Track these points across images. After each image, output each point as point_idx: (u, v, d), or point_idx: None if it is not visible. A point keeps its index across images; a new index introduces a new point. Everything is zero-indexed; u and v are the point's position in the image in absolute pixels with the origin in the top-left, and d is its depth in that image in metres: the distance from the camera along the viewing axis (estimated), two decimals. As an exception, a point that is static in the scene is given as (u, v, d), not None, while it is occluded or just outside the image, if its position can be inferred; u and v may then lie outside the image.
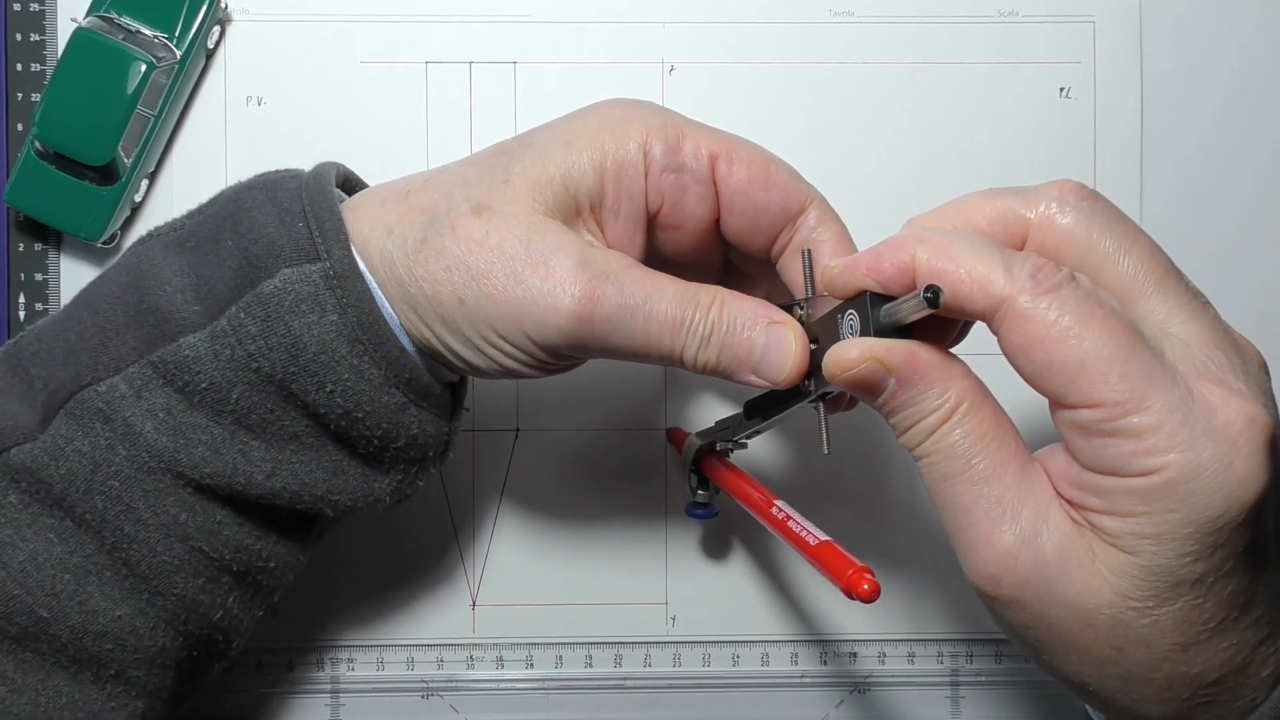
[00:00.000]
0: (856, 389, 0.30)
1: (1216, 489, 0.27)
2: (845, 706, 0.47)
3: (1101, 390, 0.27)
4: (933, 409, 0.30)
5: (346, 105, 0.46)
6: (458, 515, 0.46)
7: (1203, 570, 0.28)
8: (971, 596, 0.46)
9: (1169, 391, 0.27)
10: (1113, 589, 0.28)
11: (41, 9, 0.46)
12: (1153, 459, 0.27)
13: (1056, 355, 0.28)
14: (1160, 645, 0.29)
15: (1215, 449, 0.27)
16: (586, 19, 0.46)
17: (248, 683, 0.46)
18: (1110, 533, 0.28)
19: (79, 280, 0.46)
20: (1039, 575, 0.29)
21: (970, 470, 0.29)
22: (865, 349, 0.30)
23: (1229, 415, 0.27)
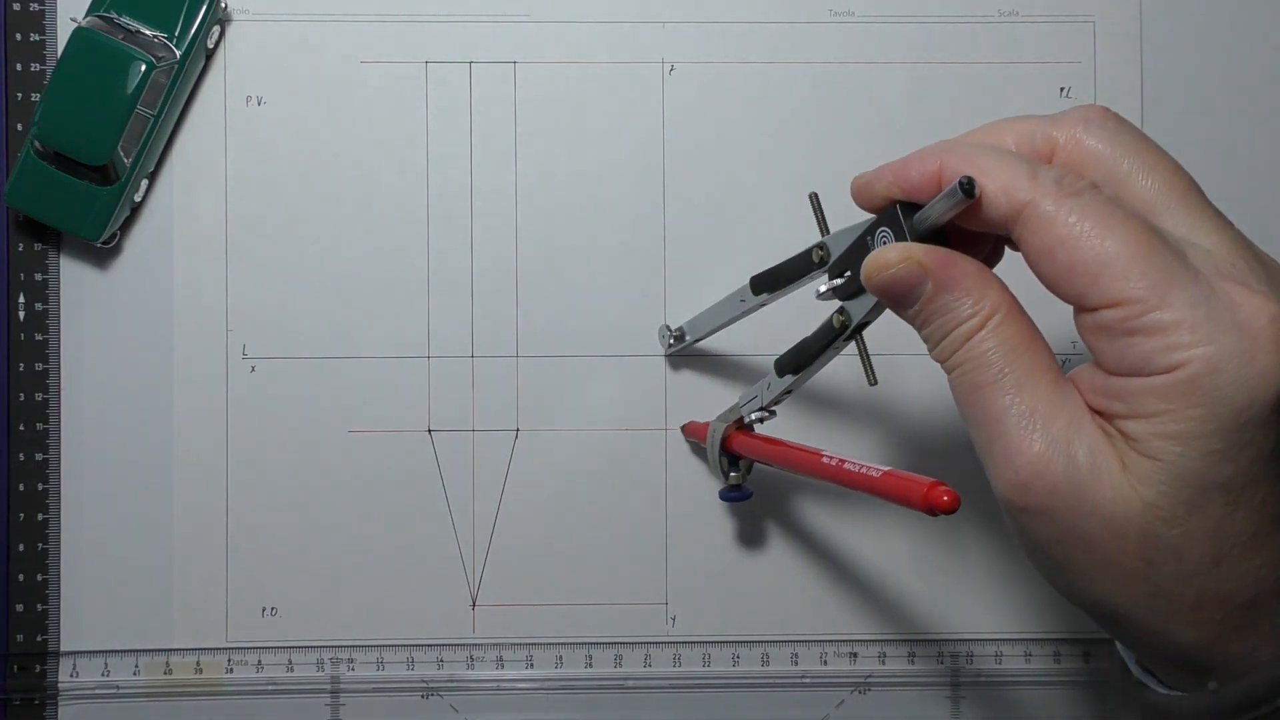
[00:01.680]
0: (894, 292, 0.30)
1: (1239, 383, 0.27)
2: (845, 706, 0.47)
3: (1123, 288, 0.27)
4: (967, 316, 0.29)
5: (346, 105, 0.46)
6: (458, 515, 0.46)
7: (1230, 473, 0.27)
8: (972, 596, 0.47)
9: (1191, 288, 0.27)
10: (1142, 498, 0.28)
11: (41, 9, 0.45)
12: (1175, 354, 0.27)
13: (1078, 256, 0.28)
14: (1191, 557, 0.28)
15: (1238, 343, 0.27)
16: (586, 19, 0.46)
17: (248, 683, 0.46)
18: (1137, 437, 0.28)
19: (79, 280, 0.46)
20: (1069, 483, 0.28)
21: (1003, 379, 0.29)
22: (904, 250, 0.30)
23: (1251, 311, 0.27)
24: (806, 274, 0.36)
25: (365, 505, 0.46)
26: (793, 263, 0.37)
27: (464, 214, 0.46)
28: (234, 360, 0.46)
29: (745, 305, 0.40)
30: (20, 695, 0.46)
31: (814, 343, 0.36)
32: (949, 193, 0.29)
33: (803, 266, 0.36)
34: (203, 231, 0.46)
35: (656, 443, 0.46)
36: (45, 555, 0.46)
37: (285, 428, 0.46)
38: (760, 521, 0.47)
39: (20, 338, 0.46)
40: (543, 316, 0.46)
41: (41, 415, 0.46)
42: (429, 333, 0.46)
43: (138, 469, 0.46)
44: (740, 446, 0.41)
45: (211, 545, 0.46)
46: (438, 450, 0.46)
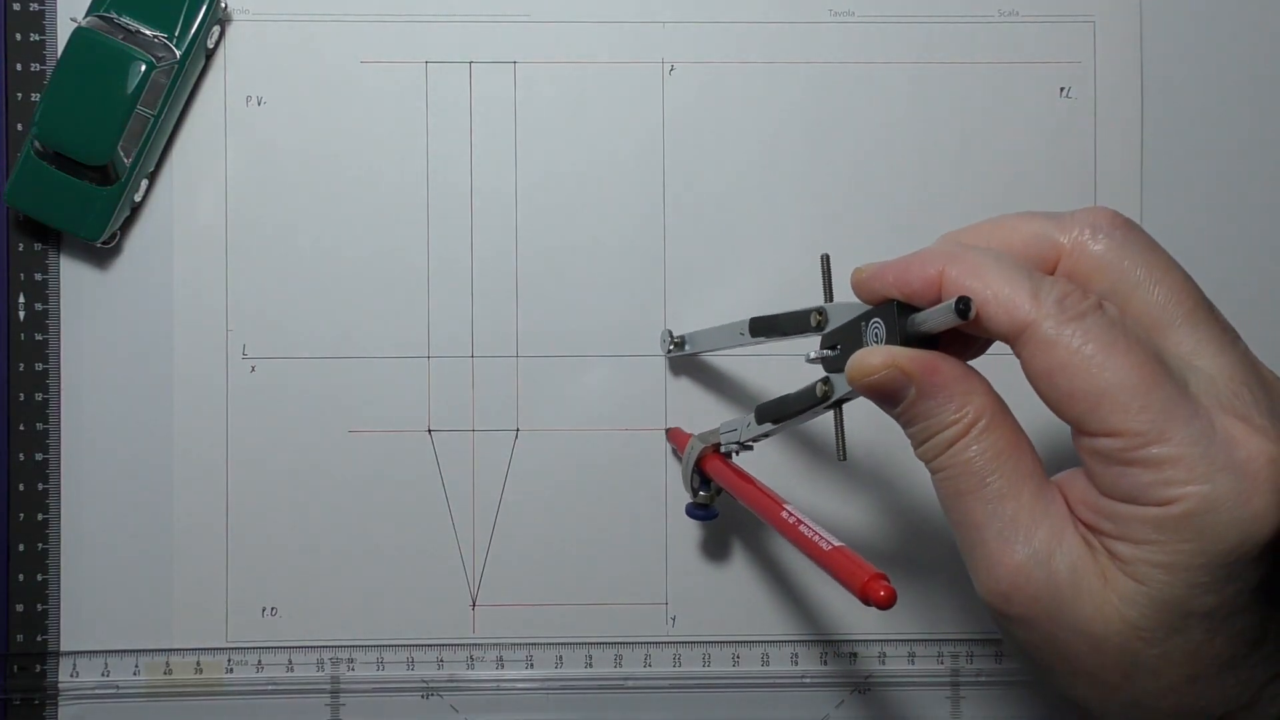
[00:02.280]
0: (876, 395, 0.31)
1: (1232, 523, 0.27)
2: (845, 706, 0.47)
3: (1122, 420, 0.27)
4: (950, 422, 0.29)
5: (346, 105, 0.46)
6: (458, 515, 0.46)
7: (1214, 603, 0.28)
8: (973, 597, 0.46)
9: (1190, 424, 0.27)
10: (1123, 617, 0.28)
11: (41, 9, 0.45)
12: (1171, 490, 0.27)
13: (1079, 383, 0.28)
14: (1168, 676, 0.28)
15: (1234, 483, 0.27)
16: (586, 19, 0.46)
17: (248, 683, 0.46)
18: (1124, 559, 0.28)
19: (79, 280, 0.46)
20: (1050, 596, 0.28)
21: (985, 488, 0.29)
22: (888, 356, 0.30)
23: (1250, 451, 0.27)
24: (802, 332, 0.36)
25: (365, 505, 0.46)
26: (790, 318, 0.37)
27: (464, 214, 0.46)
28: (234, 360, 0.46)
29: (743, 340, 0.40)
30: (20, 695, 0.46)
31: (795, 403, 0.36)
32: (945, 309, 0.28)
33: (799, 324, 0.36)
34: (203, 231, 0.46)
35: (656, 443, 0.46)
36: (45, 555, 0.46)
37: (285, 428, 0.46)
38: (760, 521, 0.47)
39: (20, 338, 0.46)
40: (543, 316, 0.46)
41: (41, 415, 0.46)
42: (429, 333, 0.46)
43: (138, 469, 0.46)
44: (712, 471, 0.42)
45: (211, 545, 0.46)
46: (438, 450, 0.46)
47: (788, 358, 0.46)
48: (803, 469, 0.47)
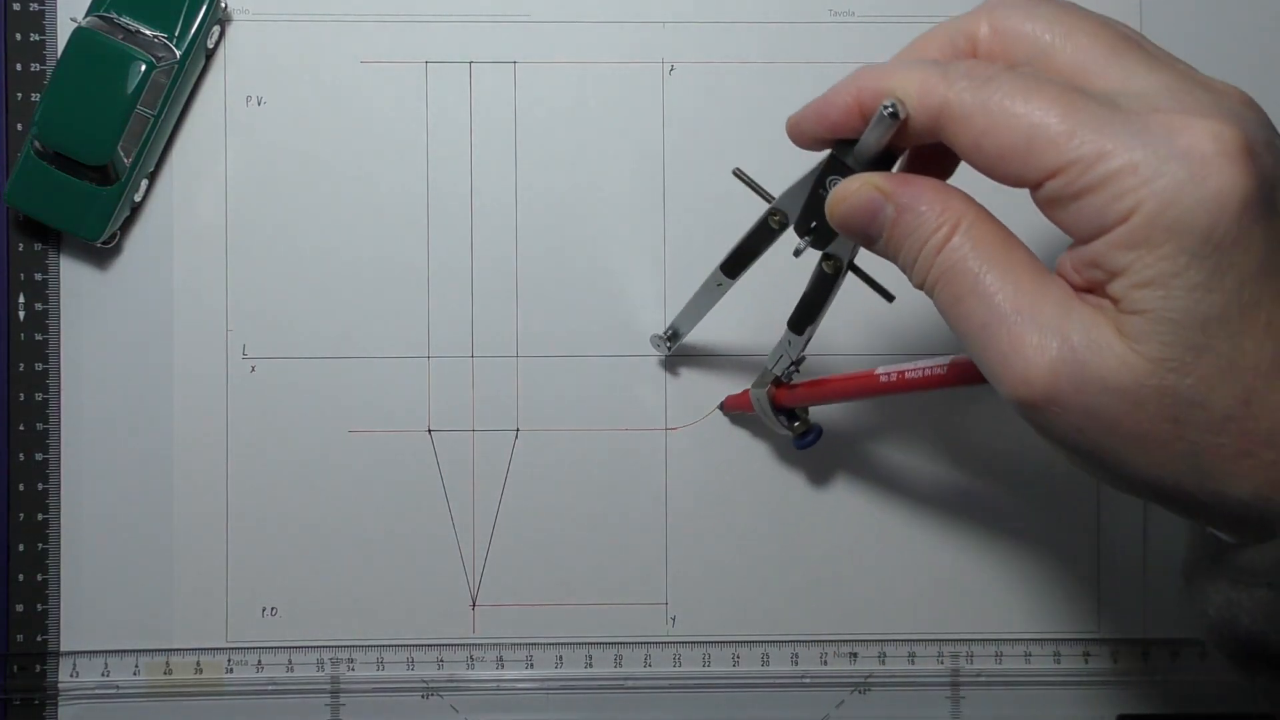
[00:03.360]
0: (858, 222, 0.30)
1: (1197, 207, 0.26)
2: (845, 706, 0.47)
3: (1057, 154, 0.27)
4: (934, 229, 0.29)
5: (346, 105, 0.46)
6: (458, 515, 0.46)
7: (1222, 302, 0.26)
8: (973, 597, 0.47)
9: (1125, 132, 0.27)
10: (1145, 357, 0.27)
11: (41, 9, 0.45)
12: (1126, 199, 0.26)
13: (1005, 138, 0.27)
14: (1216, 404, 0.27)
15: (1185, 168, 0.26)
16: (586, 19, 0.46)
17: (248, 683, 0.46)
18: (1120, 297, 0.27)
19: (79, 280, 0.46)
20: (1071, 366, 0.27)
21: (982, 284, 0.29)
22: (860, 179, 0.30)
23: (1193, 134, 0.26)
24: (769, 242, 0.37)
25: (365, 505, 0.46)
26: (753, 236, 0.37)
27: (464, 214, 0.46)
28: (234, 360, 0.46)
29: (721, 289, 0.40)
30: (20, 695, 0.46)
31: (815, 294, 0.36)
32: (877, 120, 0.29)
33: (764, 236, 0.36)
34: (203, 231, 0.46)
35: (656, 443, 0.46)
36: (45, 555, 0.46)
37: (285, 428, 0.46)
38: (760, 521, 0.47)
39: (20, 338, 0.46)
40: (543, 316, 0.46)
41: (41, 415, 0.46)
42: (429, 333, 0.46)
43: (138, 469, 0.46)
44: (791, 399, 0.41)
45: (211, 545, 0.46)
46: (438, 450, 0.46)
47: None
48: (803, 470, 0.47)
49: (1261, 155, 0.27)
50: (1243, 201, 0.26)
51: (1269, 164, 0.27)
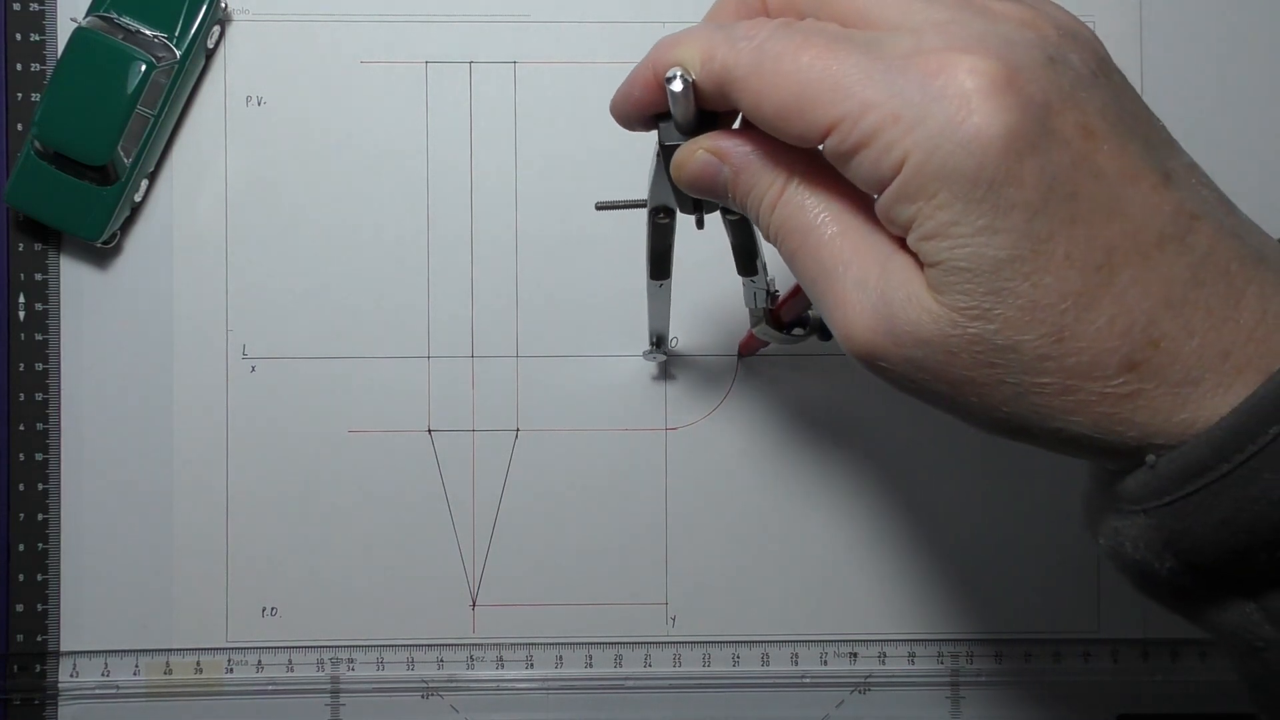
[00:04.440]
0: (703, 186, 0.30)
1: (959, 149, 0.25)
2: (845, 706, 0.47)
3: (826, 111, 0.26)
4: (766, 186, 0.29)
5: (346, 105, 0.46)
6: (458, 515, 0.46)
7: (1010, 242, 0.25)
8: (973, 597, 0.47)
9: (883, 80, 0.26)
10: (949, 307, 0.26)
11: (41, 9, 0.45)
12: (895, 151, 0.26)
13: (779, 99, 0.27)
14: (1027, 346, 0.26)
15: (943, 110, 0.25)
16: (586, 19, 0.46)
17: (248, 683, 0.46)
18: (916, 249, 0.26)
19: (78, 280, 0.46)
20: (887, 321, 0.27)
21: (810, 240, 0.28)
22: (693, 144, 0.30)
23: (948, 72, 0.25)
24: (672, 235, 0.37)
25: (365, 505, 0.46)
26: (655, 240, 0.37)
27: (464, 214, 0.46)
28: (234, 360, 0.46)
29: (664, 289, 0.40)
30: (20, 695, 0.46)
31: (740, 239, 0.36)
32: (671, 96, 0.29)
33: (664, 233, 0.36)
34: (203, 231, 0.46)
35: (656, 443, 0.46)
36: (45, 555, 0.46)
37: (285, 428, 0.46)
38: (760, 521, 0.47)
39: (20, 338, 0.46)
40: (543, 316, 0.46)
41: (41, 415, 0.46)
42: (429, 333, 0.46)
43: (138, 469, 0.46)
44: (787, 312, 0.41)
45: (211, 545, 0.46)
46: (438, 450, 0.46)
47: (784, 356, 0.46)
48: (804, 470, 0.47)
49: (1030, 82, 0.25)
50: (1005, 138, 0.25)
51: (1042, 88, 0.26)
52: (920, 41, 0.26)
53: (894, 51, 0.26)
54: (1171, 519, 0.27)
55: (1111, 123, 0.26)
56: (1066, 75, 0.26)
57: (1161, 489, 0.27)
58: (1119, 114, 0.27)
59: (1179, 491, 0.26)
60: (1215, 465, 0.26)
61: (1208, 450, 0.26)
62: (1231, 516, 0.26)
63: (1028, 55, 0.26)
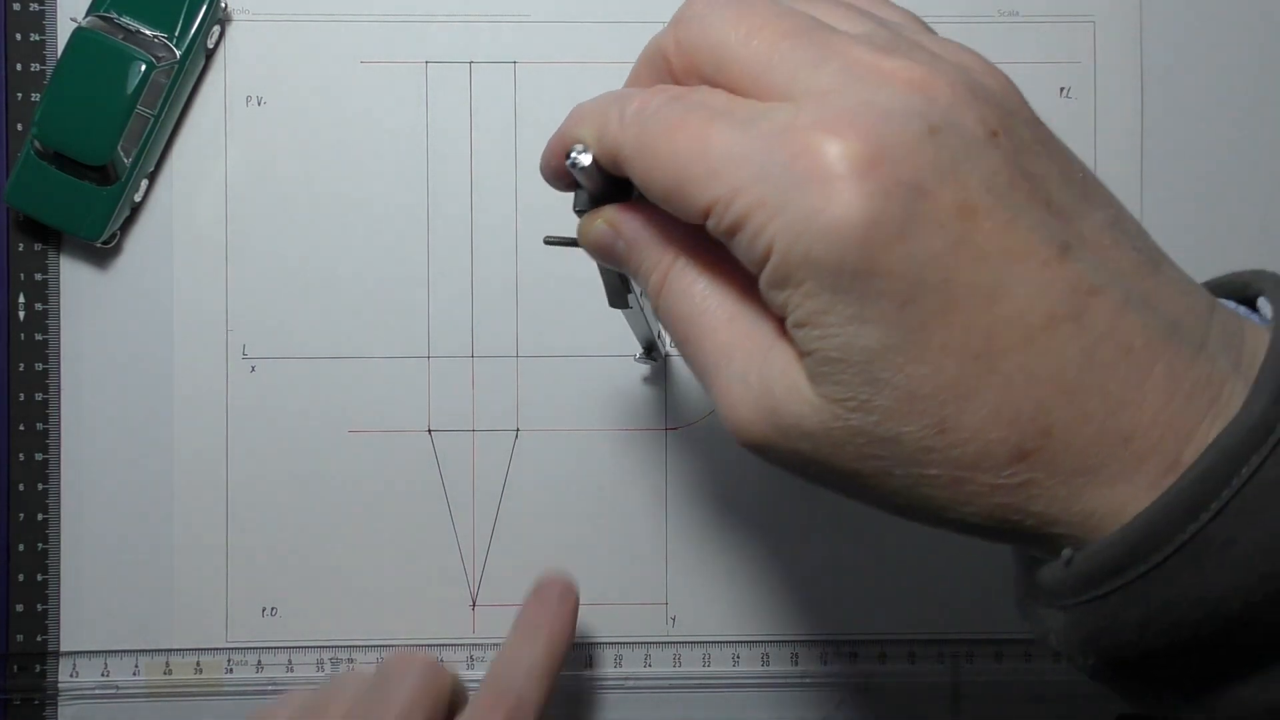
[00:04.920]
0: (601, 255, 0.30)
1: (819, 239, 0.24)
2: (845, 706, 0.47)
3: (700, 194, 0.25)
4: (649, 270, 0.28)
5: (346, 105, 0.46)
6: (458, 515, 0.46)
7: (880, 333, 0.24)
8: (972, 597, 0.47)
9: (756, 163, 0.25)
10: (824, 397, 0.25)
11: (41, 9, 0.46)
12: (763, 237, 0.25)
13: (662, 179, 0.26)
14: (909, 438, 0.25)
15: (805, 197, 0.24)
16: (586, 19, 0.46)
17: (247, 683, 0.46)
18: (792, 338, 0.26)
19: (78, 280, 0.46)
20: (769, 414, 0.26)
21: (694, 329, 0.28)
22: (594, 214, 0.30)
23: (813, 157, 0.24)
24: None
25: (365, 505, 0.46)
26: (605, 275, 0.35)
27: (464, 214, 0.46)
28: (234, 360, 0.46)
29: (631, 314, 0.39)
30: (20, 695, 0.46)
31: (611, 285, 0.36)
32: (575, 172, 0.29)
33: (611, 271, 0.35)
34: (203, 231, 0.46)
35: (656, 443, 0.46)
36: (45, 555, 0.46)
37: (285, 428, 0.46)
38: (760, 521, 0.47)
39: (20, 338, 0.46)
40: (543, 316, 0.46)
41: (41, 415, 0.46)
42: (429, 333, 0.46)
43: (138, 469, 0.46)
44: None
45: (211, 545, 0.46)
46: (438, 450, 0.46)
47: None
48: (803, 469, 0.47)
49: (901, 161, 0.24)
50: (866, 226, 0.24)
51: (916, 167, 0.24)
52: (796, 116, 0.25)
53: (769, 128, 0.25)
54: (1089, 617, 0.25)
55: (999, 195, 0.24)
56: (948, 147, 0.24)
57: (1077, 587, 0.25)
58: (1012, 182, 0.25)
59: (1094, 591, 0.25)
60: (1131, 565, 0.24)
61: (1123, 549, 0.24)
62: (1150, 619, 0.24)
63: (904, 129, 0.24)
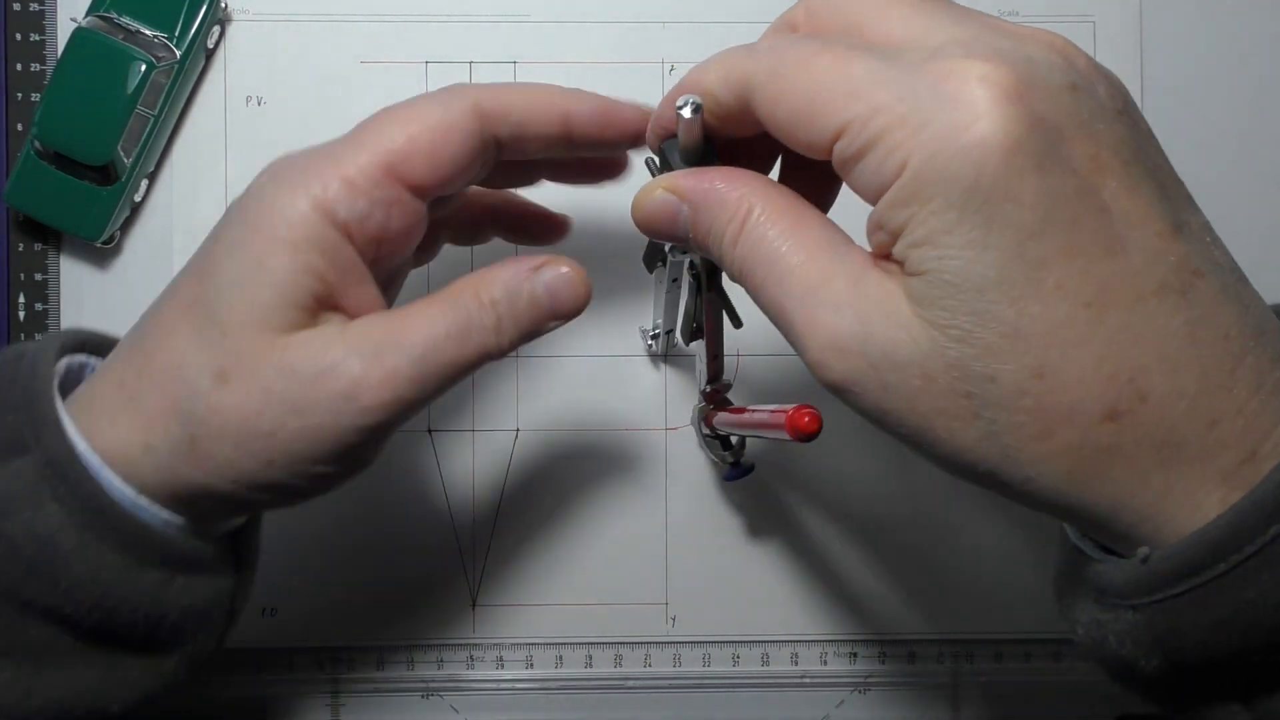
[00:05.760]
0: (659, 228, 0.30)
1: (960, 156, 0.24)
2: (845, 706, 0.47)
3: (836, 115, 0.26)
4: (728, 218, 0.28)
5: (346, 105, 0.46)
6: (458, 515, 0.46)
7: (999, 261, 0.24)
8: (972, 597, 0.47)
9: (894, 84, 0.25)
10: (928, 322, 0.25)
11: (41, 9, 0.46)
12: (898, 154, 0.25)
13: (792, 103, 0.27)
14: (1006, 376, 0.25)
15: (948, 116, 0.24)
16: (586, 19, 0.46)
17: (247, 683, 0.46)
18: (903, 259, 0.26)
19: (79, 280, 0.46)
20: (862, 342, 0.26)
21: (778, 267, 0.27)
22: (652, 184, 0.30)
23: (960, 79, 0.24)
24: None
25: (365, 505, 0.46)
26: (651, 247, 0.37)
27: (464, 214, 0.46)
28: (234, 360, 0.46)
29: (663, 284, 0.40)
30: (20, 695, 0.46)
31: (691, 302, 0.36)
32: (680, 122, 0.29)
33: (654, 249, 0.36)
34: (203, 231, 0.46)
35: (656, 443, 0.46)
36: (45, 555, 0.46)
37: (285, 428, 0.46)
38: (760, 521, 0.47)
39: (20, 338, 0.46)
40: (543, 316, 0.46)
41: (41, 415, 0.46)
42: (429, 333, 0.46)
43: (138, 469, 0.46)
44: (719, 423, 0.40)
45: (211, 545, 0.46)
46: (438, 450, 0.46)
47: (788, 356, 0.46)
48: (804, 472, 0.47)
49: (1044, 101, 0.25)
50: (1007, 149, 0.24)
51: (1056, 110, 0.25)
52: (941, 49, 0.26)
53: (914, 58, 0.26)
54: (1162, 617, 0.26)
55: (1126, 161, 0.25)
56: (1086, 105, 0.25)
57: (1153, 585, 0.25)
58: (1137, 154, 0.26)
59: (1171, 590, 0.25)
60: (1212, 564, 0.24)
61: (1204, 549, 0.25)
62: (1226, 618, 0.25)
63: (1048, 76, 0.25)
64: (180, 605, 0.32)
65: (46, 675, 0.31)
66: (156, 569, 0.31)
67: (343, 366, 0.30)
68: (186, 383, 0.30)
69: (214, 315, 0.30)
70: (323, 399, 0.30)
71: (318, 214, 0.31)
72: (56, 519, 0.30)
